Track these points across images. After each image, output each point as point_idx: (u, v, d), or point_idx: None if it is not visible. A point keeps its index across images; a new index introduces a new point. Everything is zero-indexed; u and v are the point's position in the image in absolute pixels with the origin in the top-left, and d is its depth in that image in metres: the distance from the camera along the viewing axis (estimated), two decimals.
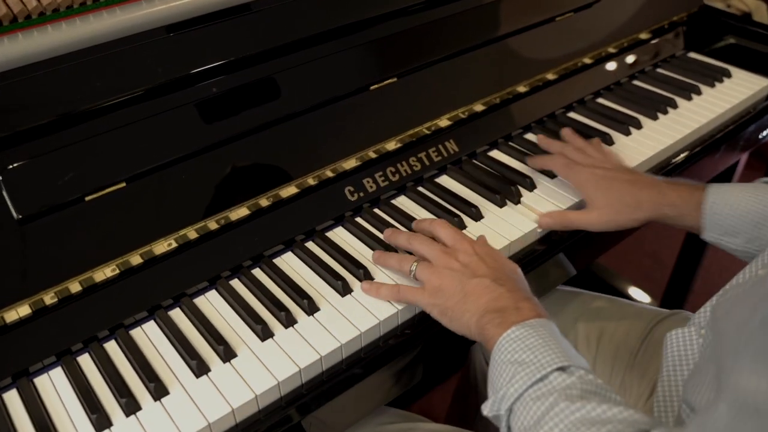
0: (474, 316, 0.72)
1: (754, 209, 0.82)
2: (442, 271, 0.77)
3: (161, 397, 0.71)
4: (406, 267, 0.81)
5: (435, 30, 1.07)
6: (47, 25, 0.80)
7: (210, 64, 0.87)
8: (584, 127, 1.12)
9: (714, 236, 0.85)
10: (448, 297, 0.75)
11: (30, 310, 0.75)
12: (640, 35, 1.30)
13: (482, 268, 0.76)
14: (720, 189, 0.85)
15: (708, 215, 0.85)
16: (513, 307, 0.71)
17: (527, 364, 0.64)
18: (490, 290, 0.73)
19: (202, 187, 0.85)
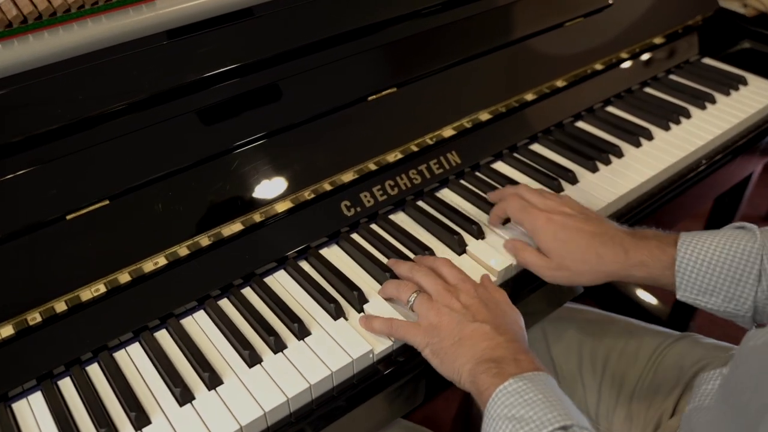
0: (468, 362, 0.68)
1: (729, 263, 0.74)
2: (441, 309, 0.73)
3: (142, 427, 0.68)
4: (404, 295, 0.76)
5: (439, 37, 1.03)
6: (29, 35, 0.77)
7: (199, 75, 0.84)
8: (592, 137, 1.08)
9: (689, 296, 0.77)
10: (444, 337, 0.71)
11: (13, 330, 0.72)
12: (653, 40, 1.25)
13: (483, 312, 0.72)
14: (693, 242, 0.76)
15: (680, 274, 0.76)
16: (511, 358, 0.67)
17: (526, 422, 0.60)
18: (489, 338, 0.69)
19: (191, 203, 0.82)
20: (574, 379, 0.98)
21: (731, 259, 0.74)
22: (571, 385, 0.98)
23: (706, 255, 0.75)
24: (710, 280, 0.75)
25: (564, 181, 0.99)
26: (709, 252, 0.75)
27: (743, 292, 0.74)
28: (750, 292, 0.73)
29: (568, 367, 0.98)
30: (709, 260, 0.75)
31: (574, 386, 0.97)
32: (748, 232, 0.76)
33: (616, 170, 1.02)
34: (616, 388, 0.93)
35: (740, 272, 0.74)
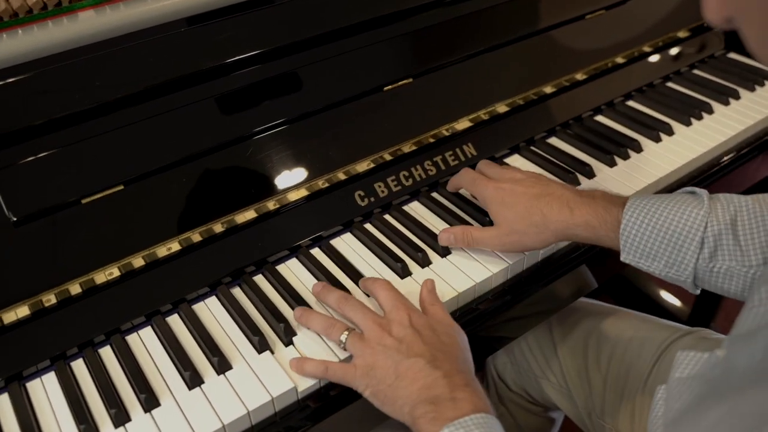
0: (406, 404, 0.65)
1: (673, 230, 0.72)
2: (375, 348, 0.69)
3: (152, 408, 0.69)
4: (335, 336, 0.72)
5: (456, 27, 1.02)
6: (48, 21, 0.78)
7: (214, 63, 0.84)
8: (611, 131, 1.07)
9: (632, 259, 0.76)
10: (381, 379, 0.67)
11: (29, 311, 0.74)
12: (677, 34, 1.24)
13: (417, 345, 0.68)
14: (640, 205, 0.74)
15: (624, 236, 0.75)
16: (449, 397, 0.63)
17: None
18: (424, 374, 0.65)
19: (206, 189, 0.83)
20: (580, 375, 0.97)
21: (675, 225, 0.72)
22: (578, 383, 0.97)
23: (651, 220, 0.73)
24: (653, 244, 0.73)
25: (580, 174, 0.98)
26: (654, 216, 0.73)
27: (684, 258, 0.73)
28: (691, 258, 0.72)
29: (574, 364, 0.98)
30: (653, 225, 0.73)
31: (581, 384, 0.97)
32: (696, 197, 0.74)
33: (634, 165, 1.00)
34: (620, 383, 0.92)
35: (683, 239, 0.72)
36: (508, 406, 1.12)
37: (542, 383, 1.03)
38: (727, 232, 0.71)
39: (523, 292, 0.85)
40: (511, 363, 1.08)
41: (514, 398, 1.11)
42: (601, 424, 0.94)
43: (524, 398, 1.10)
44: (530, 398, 1.09)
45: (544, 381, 1.02)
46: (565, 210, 0.77)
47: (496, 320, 0.85)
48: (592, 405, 0.96)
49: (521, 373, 1.07)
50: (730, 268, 0.71)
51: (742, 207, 0.72)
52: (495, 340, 0.95)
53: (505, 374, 1.10)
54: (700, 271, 0.73)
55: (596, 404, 0.95)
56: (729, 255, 0.71)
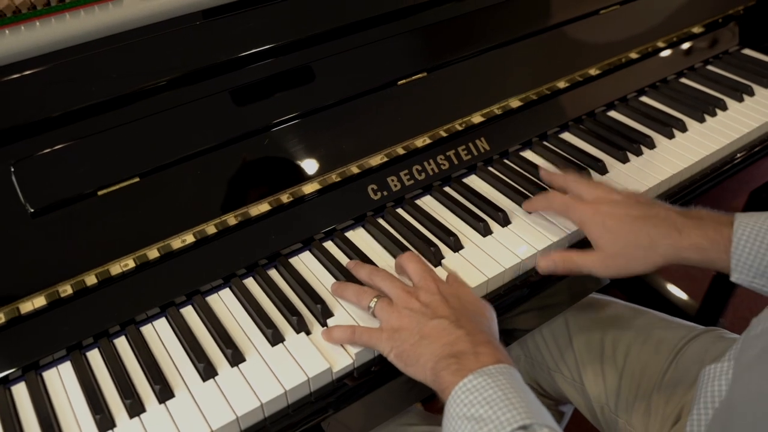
0: (430, 360, 0.67)
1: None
2: (402, 311, 0.72)
3: (166, 399, 0.70)
4: (364, 302, 0.75)
5: (470, 22, 1.02)
6: (65, 13, 0.78)
7: (229, 56, 0.85)
8: (624, 127, 1.07)
9: (745, 279, 0.74)
10: (405, 339, 0.70)
11: (45, 301, 0.75)
12: (691, 29, 1.23)
13: (443, 308, 0.71)
14: (750, 222, 0.73)
15: (736, 256, 0.73)
16: (471, 351, 0.65)
17: (485, 422, 0.59)
18: (448, 332, 0.68)
19: (220, 182, 0.83)
20: (595, 370, 0.97)
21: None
22: (593, 377, 0.97)
23: (764, 237, 0.72)
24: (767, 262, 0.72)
25: (593, 170, 0.98)
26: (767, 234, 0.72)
27: None
28: None
29: (590, 359, 0.98)
30: (766, 242, 0.72)
31: (595, 378, 0.97)
32: None
33: (647, 161, 1.00)
34: (635, 381, 0.93)
35: None
36: None
37: (555, 376, 1.03)
38: None
39: (538, 286, 0.85)
40: (525, 356, 1.08)
41: None
42: (614, 418, 0.95)
43: (536, 391, 1.10)
44: (542, 391, 1.10)
45: (558, 374, 1.03)
46: (674, 233, 0.75)
47: (511, 313, 0.85)
48: (605, 400, 0.96)
49: (534, 366, 1.07)
50: None
51: None
52: (509, 332, 0.95)
53: (518, 367, 1.11)
54: None
55: (610, 399, 0.95)
56: None
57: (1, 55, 0.75)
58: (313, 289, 0.79)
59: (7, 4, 0.76)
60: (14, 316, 0.73)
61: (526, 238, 0.87)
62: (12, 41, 0.76)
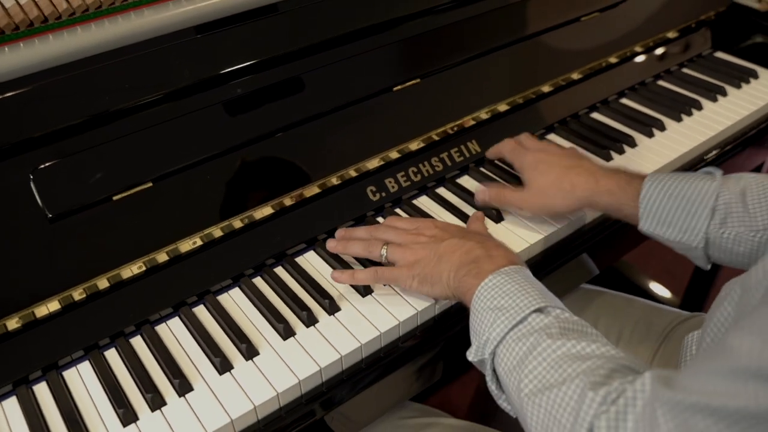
0: (451, 272, 0.76)
1: (687, 196, 0.81)
2: (413, 246, 0.80)
3: (185, 393, 0.73)
4: (375, 251, 0.83)
5: (460, 30, 1.07)
6: (77, 27, 0.81)
7: (235, 66, 0.88)
8: (607, 128, 1.12)
9: (649, 227, 0.84)
10: (425, 264, 0.78)
11: (59, 305, 0.77)
12: (666, 34, 1.29)
13: (448, 233, 0.81)
14: (658, 178, 0.84)
15: (643, 204, 0.83)
16: (486, 255, 0.74)
17: (506, 309, 0.67)
18: (461, 245, 0.77)
19: (226, 186, 0.87)
20: None
21: (689, 195, 0.80)
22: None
23: (668, 190, 0.82)
24: (669, 212, 0.81)
25: None
26: (671, 188, 0.82)
27: (696, 224, 0.80)
28: (703, 224, 0.80)
29: None
30: (669, 195, 0.81)
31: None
32: (710, 175, 0.83)
33: (629, 159, 1.06)
34: None
35: (695, 207, 0.80)
36: None
37: None
38: (737, 201, 0.79)
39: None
40: None
41: None
42: None
43: None
44: None
45: None
46: (591, 180, 0.86)
47: None
48: None
49: None
50: (738, 234, 0.78)
51: (750, 180, 0.80)
52: None
53: None
54: (711, 236, 0.80)
55: None
56: (738, 221, 0.78)
57: (7, 70, 0.78)
58: (320, 286, 0.83)
59: (7, 23, 0.78)
60: (30, 320, 0.76)
61: (517, 231, 0.91)
62: (13, 57, 0.79)
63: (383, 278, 0.82)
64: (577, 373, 0.59)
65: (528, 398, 0.61)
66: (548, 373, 0.61)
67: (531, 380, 0.62)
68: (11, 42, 0.78)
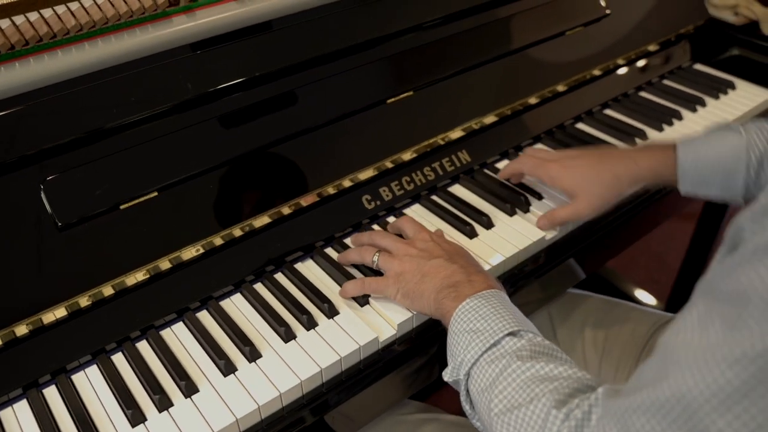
0: (432, 292, 0.78)
1: (722, 159, 0.87)
2: (402, 258, 0.83)
3: (192, 394, 0.76)
4: (368, 258, 0.87)
5: (450, 45, 1.11)
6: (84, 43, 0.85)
7: (234, 80, 0.92)
8: (591, 138, 1.17)
9: (689, 189, 0.90)
10: (409, 280, 0.81)
11: (66, 312, 0.80)
12: (647, 47, 1.34)
13: (438, 250, 0.83)
14: (690, 144, 0.90)
15: (681, 171, 0.89)
16: (466, 280, 0.77)
17: (481, 332, 0.70)
18: (445, 268, 0.80)
19: (227, 196, 0.90)
20: (578, 358, 1.05)
21: (723, 156, 0.87)
22: (574, 362, 1.05)
23: (701, 154, 0.88)
24: (707, 174, 0.88)
25: None
26: (703, 151, 0.89)
27: (736, 183, 0.87)
28: (740, 181, 0.87)
29: (572, 347, 1.06)
30: (704, 158, 0.88)
31: (577, 363, 1.05)
32: (734, 131, 0.89)
33: None
34: (614, 364, 1.01)
35: (731, 166, 0.87)
36: None
37: None
38: (766, 152, 0.86)
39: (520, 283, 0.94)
40: None
41: None
42: None
43: None
44: None
45: None
46: (631, 163, 0.91)
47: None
48: None
49: None
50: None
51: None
52: None
53: None
54: (750, 187, 0.87)
55: None
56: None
57: (18, 85, 0.81)
58: (319, 291, 0.86)
59: (2, 42, 0.81)
60: (38, 326, 0.79)
61: (509, 237, 0.95)
62: (25, 72, 0.82)
63: (369, 289, 0.84)
64: (543, 392, 0.62)
65: (498, 417, 0.65)
66: (517, 393, 0.64)
67: (501, 400, 0.65)
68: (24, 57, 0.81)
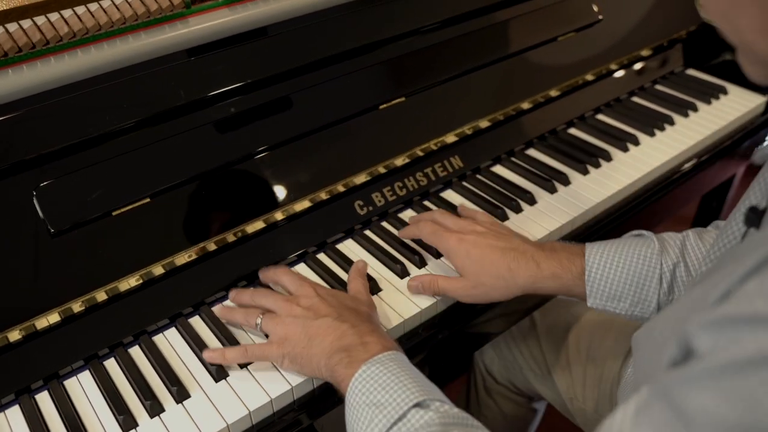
0: (322, 358, 0.72)
1: (633, 270, 0.79)
2: (286, 320, 0.77)
3: (183, 399, 0.76)
4: (252, 321, 0.80)
5: (443, 51, 1.12)
6: (77, 50, 0.85)
7: (228, 86, 0.93)
8: (583, 143, 1.17)
9: (599, 303, 0.81)
10: (295, 344, 0.75)
11: (59, 317, 0.80)
12: (640, 52, 1.35)
13: (324, 308, 0.76)
14: (599, 251, 0.81)
15: (590, 283, 0.80)
16: (359, 343, 0.71)
17: (384, 406, 0.64)
18: (333, 329, 0.73)
19: (220, 202, 0.91)
20: (562, 365, 1.06)
21: (634, 266, 0.79)
22: (560, 371, 1.06)
23: (612, 264, 0.80)
24: (617, 286, 0.80)
25: (557, 182, 1.07)
26: (614, 261, 0.80)
27: (647, 295, 0.79)
28: (654, 295, 0.79)
29: (557, 354, 1.06)
30: (615, 269, 0.79)
31: (562, 372, 1.06)
32: (646, 239, 0.82)
33: (605, 173, 1.11)
34: (599, 370, 1.01)
35: (643, 277, 0.79)
36: (495, 398, 1.21)
37: (527, 374, 1.12)
38: (679, 265, 0.79)
39: None
40: (498, 357, 1.17)
41: (501, 390, 1.20)
42: (582, 408, 1.03)
43: (510, 390, 1.19)
44: (516, 389, 1.18)
45: (529, 372, 1.11)
46: (532, 265, 0.81)
47: (482, 318, 0.94)
48: (573, 392, 1.05)
49: (507, 367, 1.16)
50: None
51: (684, 241, 0.80)
52: (482, 336, 1.04)
53: (492, 368, 1.19)
54: (662, 304, 0.80)
55: (577, 390, 1.04)
56: (683, 285, 0.79)
57: (9, 92, 0.82)
58: None
59: (11, 46, 0.82)
60: (31, 332, 0.79)
61: None
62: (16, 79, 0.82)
63: (253, 356, 0.78)
64: None
65: None
66: None
67: None
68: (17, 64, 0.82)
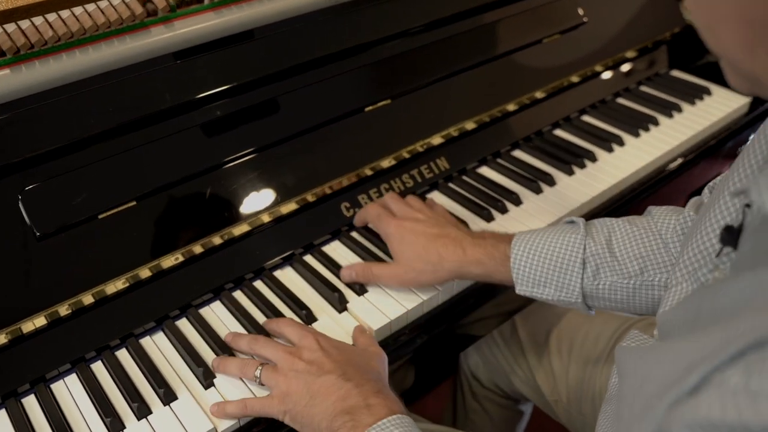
0: (324, 420, 0.69)
1: (556, 255, 0.80)
2: (288, 374, 0.73)
3: (170, 401, 0.76)
4: (249, 373, 0.76)
5: (428, 53, 1.12)
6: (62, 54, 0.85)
7: (213, 90, 0.93)
8: (569, 144, 1.18)
9: (526, 290, 0.82)
10: (297, 401, 0.71)
11: (45, 321, 0.80)
12: (625, 54, 1.36)
13: (328, 364, 0.72)
14: (524, 238, 0.82)
15: (515, 269, 0.81)
16: (363, 405, 0.68)
17: None
18: (337, 387, 0.70)
19: (207, 204, 0.91)
20: (545, 367, 1.06)
21: (557, 251, 0.80)
22: (543, 374, 1.06)
23: (535, 250, 0.81)
24: (541, 272, 0.80)
25: (543, 183, 1.08)
26: (538, 247, 0.81)
27: (570, 280, 0.80)
28: (576, 279, 0.79)
29: (539, 357, 1.07)
30: (538, 254, 0.80)
31: (545, 375, 1.06)
32: (574, 225, 0.82)
33: (590, 173, 1.11)
34: (580, 371, 1.02)
35: (566, 262, 0.79)
36: (482, 402, 1.21)
37: (511, 378, 1.12)
38: (604, 250, 0.79)
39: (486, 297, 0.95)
40: (483, 362, 1.17)
41: (486, 394, 1.20)
42: (567, 409, 1.04)
43: (496, 393, 1.19)
44: (501, 392, 1.19)
45: (513, 375, 1.12)
46: (459, 250, 0.84)
47: (467, 320, 0.95)
48: (557, 394, 1.05)
49: (492, 370, 1.16)
50: (613, 283, 0.79)
51: (614, 227, 0.81)
52: (467, 337, 1.05)
53: (477, 372, 1.20)
54: (587, 290, 0.80)
55: (561, 392, 1.04)
56: (609, 271, 0.79)
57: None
58: (297, 297, 0.87)
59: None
60: (18, 336, 0.79)
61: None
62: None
63: (253, 411, 0.74)
64: None
65: None
66: None
67: None
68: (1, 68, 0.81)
